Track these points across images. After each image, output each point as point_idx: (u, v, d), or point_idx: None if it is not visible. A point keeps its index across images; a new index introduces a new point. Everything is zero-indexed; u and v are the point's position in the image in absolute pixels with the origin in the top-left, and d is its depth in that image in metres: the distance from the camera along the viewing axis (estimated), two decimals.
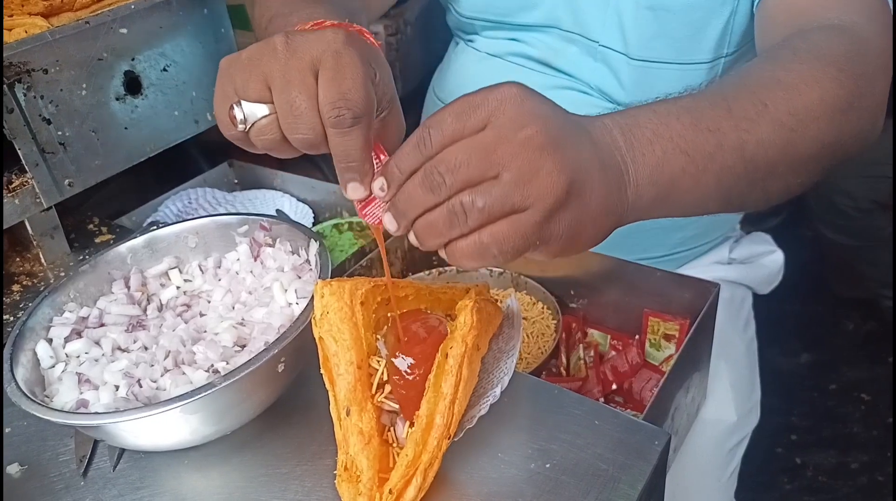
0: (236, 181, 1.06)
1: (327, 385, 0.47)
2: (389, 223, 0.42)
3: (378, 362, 0.48)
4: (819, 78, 0.50)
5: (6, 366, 0.51)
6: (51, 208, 0.78)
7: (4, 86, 0.71)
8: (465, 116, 0.40)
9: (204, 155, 1.28)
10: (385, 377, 0.47)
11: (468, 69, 0.89)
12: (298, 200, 0.98)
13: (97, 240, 0.84)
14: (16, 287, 0.77)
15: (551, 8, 0.80)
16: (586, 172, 0.41)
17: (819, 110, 0.50)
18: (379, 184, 0.42)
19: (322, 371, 0.47)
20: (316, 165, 1.46)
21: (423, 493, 0.45)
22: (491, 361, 0.54)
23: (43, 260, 0.80)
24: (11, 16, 0.77)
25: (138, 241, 0.61)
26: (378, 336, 0.49)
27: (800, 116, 0.49)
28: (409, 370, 0.47)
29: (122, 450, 0.54)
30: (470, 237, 0.40)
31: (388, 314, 0.50)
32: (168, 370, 0.51)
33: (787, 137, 0.48)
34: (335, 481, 0.46)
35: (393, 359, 0.47)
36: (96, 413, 0.47)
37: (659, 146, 0.44)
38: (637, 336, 0.77)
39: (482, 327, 0.49)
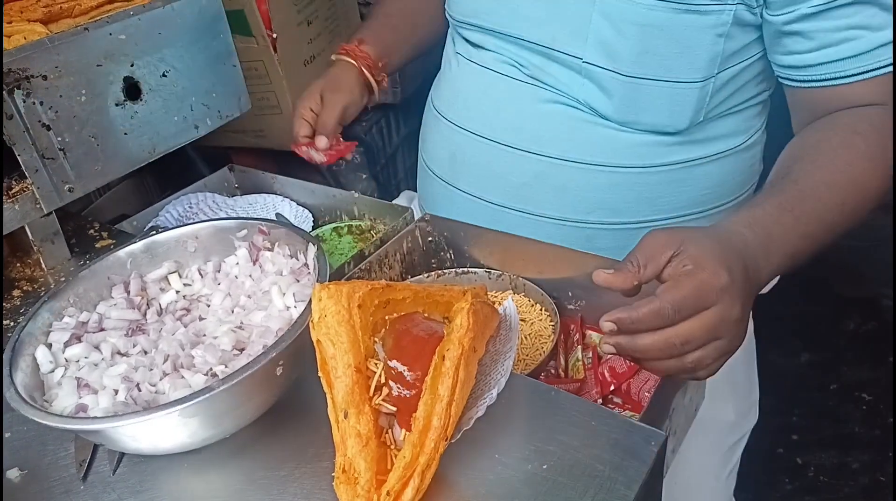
0: (236, 186, 1.06)
1: (325, 388, 0.47)
2: (608, 349, 0.56)
3: (376, 364, 0.48)
4: (879, 175, 0.70)
5: (5, 371, 0.51)
6: (51, 213, 0.79)
7: (4, 92, 0.72)
8: (698, 304, 0.54)
9: (204, 160, 1.29)
10: (383, 380, 0.48)
11: (464, 82, 0.90)
12: (298, 204, 0.99)
13: (98, 245, 0.85)
14: (16, 292, 0.78)
15: (531, 25, 0.80)
16: (751, 305, 0.60)
17: (875, 199, 0.71)
18: (609, 327, 0.55)
19: (320, 374, 0.47)
20: (315, 169, 1.46)
21: (420, 495, 0.45)
22: (488, 363, 0.55)
23: (43, 265, 0.81)
24: (10, 22, 0.78)
25: (138, 246, 0.62)
26: (376, 339, 0.49)
27: (863, 206, 0.70)
28: (406, 373, 0.47)
29: (122, 454, 0.54)
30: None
31: (386, 317, 0.51)
32: (167, 374, 0.51)
33: (850, 223, 0.70)
34: (333, 483, 0.46)
35: (390, 362, 0.48)
36: (95, 418, 0.48)
37: (778, 258, 0.63)
38: None
39: (479, 329, 0.50)
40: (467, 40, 0.89)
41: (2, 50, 0.72)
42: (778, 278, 0.96)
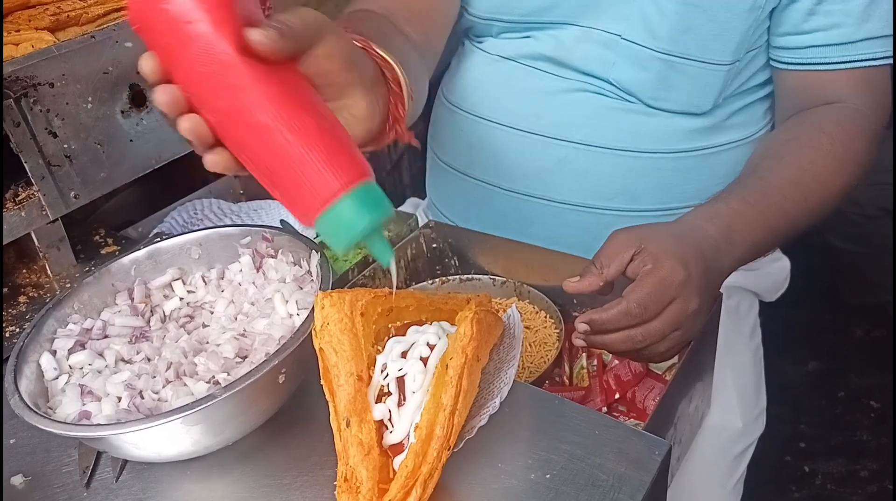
0: (241, 192, 1.07)
1: (327, 396, 0.47)
2: (579, 343, 0.63)
3: (383, 374, 0.48)
4: (843, 173, 0.74)
5: (9, 378, 0.51)
6: (57, 220, 0.79)
7: (11, 100, 0.72)
8: (661, 300, 0.60)
9: None
10: (386, 389, 0.48)
11: (479, 72, 0.89)
12: None
13: (103, 251, 0.85)
14: (22, 299, 0.78)
15: (573, 5, 0.80)
16: (713, 295, 0.66)
17: (839, 196, 0.75)
18: (583, 328, 0.61)
19: (322, 382, 0.47)
20: None
21: None
22: (491, 371, 0.54)
23: (49, 272, 0.81)
24: (18, 30, 0.78)
25: (141, 253, 0.62)
26: (378, 347, 0.49)
27: (827, 203, 0.74)
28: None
29: (125, 461, 0.54)
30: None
31: (389, 326, 0.51)
32: (170, 382, 0.51)
33: (814, 218, 0.74)
34: (336, 492, 0.46)
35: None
36: (98, 425, 0.48)
37: (741, 248, 0.67)
38: None
39: (482, 337, 0.49)
40: (488, 34, 0.88)
41: (2, 58, 0.72)
42: (785, 287, 0.96)
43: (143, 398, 0.50)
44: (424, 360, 0.48)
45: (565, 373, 0.77)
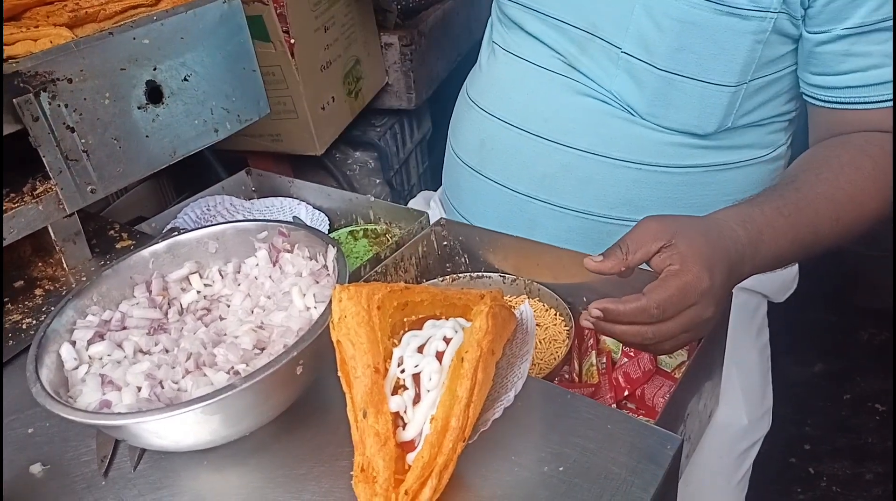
0: (254, 189, 1.08)
1: (344, 388, 0.48)
2: (587, 324, 0.61)
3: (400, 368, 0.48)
4: (879, 198, 0.73)
5: (30, 368, 0.52)
6: (73, 214, 0.80)
7: (31, 94, 0.73)
8: (680, 305, 0.59)
9: (222, 163, 1.30)
10: (402, 382, 0.48)
11: (497, 71, 0.91)
12: (314, 207, 1.00)
13: (118, 246, 0.86)
14: (38, 291, 0.79)
15: (573, 8, 0.80)
16: (728, 300, 0.67)
17: (870, 221, 0.73)
18: (596, 313, 0.59)
19: (339, 374, 0.48)
20: (331, 173, 1.48)
21: (438, 494, 0.46)
22: (505, 365, 0.55)
23: (65, 265, 0.82)
24: (37, 26, 0.79)
25: (161, 246, 0.63)
26: (395, 340, 0.50)
27: (857, 227, 0.72)
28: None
29: (143, 451, 0.55)
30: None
31: (404, 319, 0.51)
32: (189, 372, 0.52)
33: (842, 239, 0.72)
34: (352, 482, 0.47)
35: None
36: (119, 414, 0.49)
37: (764, 259, 0.67)
38: None
39: (497, 331, 0.50)
40: (510, 21, 0.89)
41: (3, 55, 0.73)
42: (793, 288, 0.96)
43: (163, 387, 0.51)
44: (440, 355, 0.48)
45: (575, 370, 0.78)
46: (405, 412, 0.48)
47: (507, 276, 0.84)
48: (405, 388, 0.48)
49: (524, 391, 0.56)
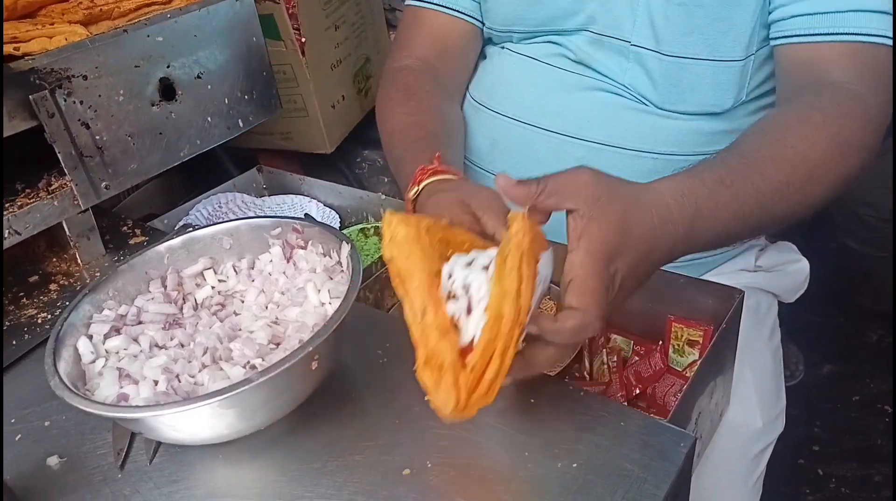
0: (265, 186, 1.08)
1: (401, 295, 0.49)
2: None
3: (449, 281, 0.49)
4: (837, 156, 0.64)
5: (48, 361, 0.53)
6: (87, 210, 0.80)
7: (46, 91, 0.74)
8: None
9: (233, 161, 1.31)
10: (453, 293, 0.48)
11: (503, 71, 0.91)
12: (325, 205, 1.00)
13: (131, 242, 0.87)
14: (53, 286, 0.80)
15: (587, 13, 0.81)
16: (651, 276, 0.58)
17: (833, 184, 0.64)
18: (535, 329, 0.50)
19: (395, 286, 0.49)
20: (340, 171, 1.48)
21: (502, 375, 0.46)
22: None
23: (79, 260, 0.82)
24: (53, 23, 0.80)
25: (176, 241, 0.63)
26: (442, 261, 0.50)
27: (816, 191, 0.63)
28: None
29: (159, 444, 0.56)
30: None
31: (447, 253, 0.52)
32: (206, 366, 0.52)
33: (799, 207, 0.63)
34: (416, 373, 0.46)
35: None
36: (138, 407, 0.49)
37: (702, 238, 0.59)
38: (661, 342, 0.78)
39: (535, 234, 0.49)
40: (508, 40, 0.90)
41: (2, 59, 0.73)
42: (804, 289, 0.96)
43: (179, 381, 0.51)
44: (487, 269, 0.49)
45: (585, 368, 0.78)
46: (458, 319, 0.48)
47: None
48: (456, 298, 0.48)
49: (536, 388, 0.56)
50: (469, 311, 0.48)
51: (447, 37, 0.92)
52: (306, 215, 0.96)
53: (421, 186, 0.67)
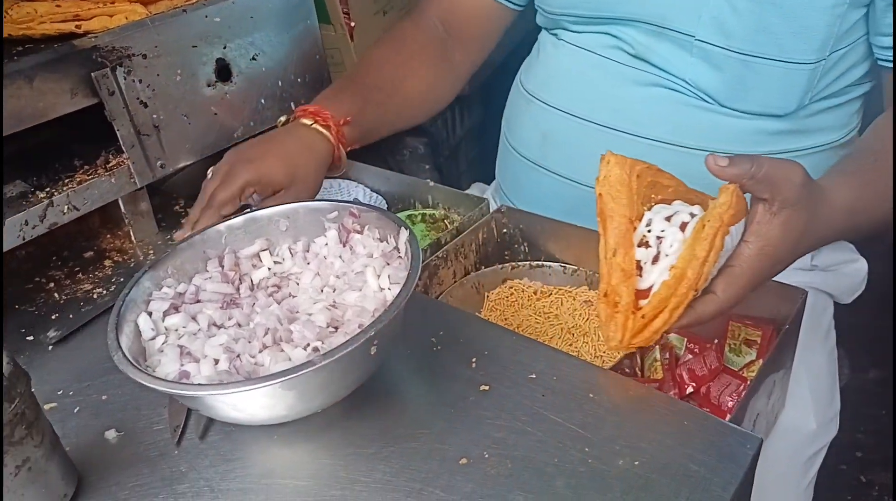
0: None
1: (600, 230, 0.54)
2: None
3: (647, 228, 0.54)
4: None
5: (111, 336, 0.53)
6: (143, 187, 0.81)
7: (108, 69, 0.74)
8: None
9: None
10: (646, 240, 0.54)
11: (558, 62, 0.89)
12: (372, 190, 1.00)
13: (183, 221, 0.87)
14: (107, 262, 0.81)
15: (638, 4, 0.79)
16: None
17: None
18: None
19: (598, 219, 0.55)
20: (382, 157, 1.48)
21: (668, 326, 0.52)
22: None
23: (133, 237, 0.83)
24: (113, 2, 0.80)
25: (237, 221, 0.63)
26: (646, 207, 0.55)
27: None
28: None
29: (210, 421, 0.56)
30: None
31: (652, 196, 0.56)
32: (267, 347, 0.52)
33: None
34: (595, 304, 0.53)
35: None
36: (202, 385, 0.49)
37: (831, 239, 0.64)
38: (716, 340, 0.76)
39: (736, 211, 0.53)
40: (561, 26, 0.88)
41: (2, 47, 0.73)
42: (861, 289, 0.93)
43: (241, 361, 0.51)
44: (683, 227, 0.53)
45: (636, 365, 0.76)
46: (644, 264, 0.53)
47: (568, 266, 0.83)
48: (648, 245, 0.53)
49: (597, 383, 0.55)
50: (655, 260, 0.53)
51: (473, 9, 0.97)
52: (356, 199, 0.95)
53: (284, 119, 0.83)
